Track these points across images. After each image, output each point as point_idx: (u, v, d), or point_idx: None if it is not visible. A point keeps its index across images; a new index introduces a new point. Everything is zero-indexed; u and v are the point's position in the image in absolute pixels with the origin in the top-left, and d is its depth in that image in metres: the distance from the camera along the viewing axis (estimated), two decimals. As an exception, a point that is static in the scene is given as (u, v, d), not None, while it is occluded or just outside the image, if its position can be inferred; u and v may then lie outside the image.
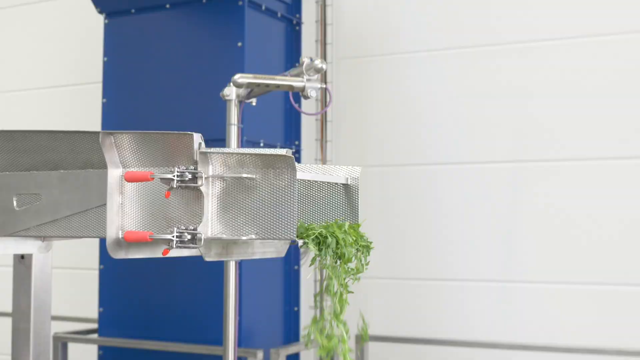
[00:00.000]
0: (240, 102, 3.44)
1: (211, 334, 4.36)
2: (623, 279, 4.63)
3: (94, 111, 5.19)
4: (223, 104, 3.57)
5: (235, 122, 3.47)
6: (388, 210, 5.16)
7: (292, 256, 4.85)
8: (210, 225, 2.03)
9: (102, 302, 4.80)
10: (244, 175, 2.01)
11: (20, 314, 2.87)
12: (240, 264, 4.04)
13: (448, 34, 5.11)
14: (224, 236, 2.03)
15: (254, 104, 3.50)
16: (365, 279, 5.16)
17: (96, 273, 4.91)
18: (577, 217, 4.74)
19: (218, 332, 4.02)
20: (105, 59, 4.86)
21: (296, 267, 4.87)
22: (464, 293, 4.98)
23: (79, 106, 5.97)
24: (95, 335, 4.88)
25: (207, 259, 2.10)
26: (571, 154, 4.75)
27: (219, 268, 3.84)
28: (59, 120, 5.99)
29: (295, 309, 4.85)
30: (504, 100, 4.93)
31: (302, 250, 4.94)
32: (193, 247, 2.03)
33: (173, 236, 2.02)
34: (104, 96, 4.86)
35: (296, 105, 3.55)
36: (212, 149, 2.04)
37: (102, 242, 4.76)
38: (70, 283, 5.88)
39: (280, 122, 4.76)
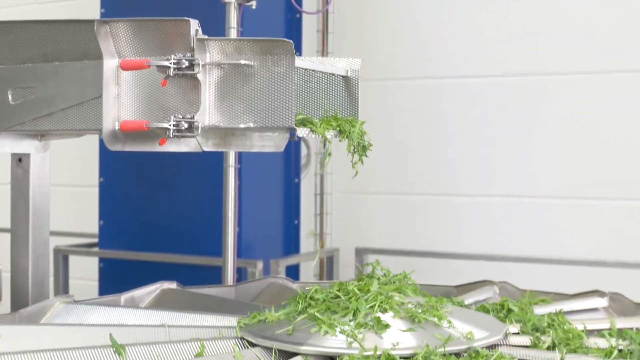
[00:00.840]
0: (239, 4, 3.38)
1: (211, 246, 4.35)
2: (625, 194, 4.62)
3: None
4: (222, 9, 3.51)
5: (235, 26, 3.41)
6: (390, 125, 5.11)
7: (293, 169, 4.83)
8: (208, 114, 2.00)
9: (102, 215, 4.79)
10: (242, 61, 1.97)
11: (18, 218, 2.85)
12: (240, 175, 4.01)
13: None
14: (222, 124, 2.00)
15: (253, 7, 3.44)
16: (366, 194, 5.21)
17: (96, 190, 4.88)
18: (586, 134, 4.69)
19: (218, 244, 4.01)
20: (102, -34, 4.78)
21: (296, 180, 4.86)
22: (467, 208, 4.96)
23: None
24: (95, 248, 4.88)
25: (205, 148, 2.07)
26: (583, 67, 4.69)
27: (219, 179, 3.81)
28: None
29: (296, 222, 4.85)
30: (515, 6, 4.84)
31: (303, 162, 4.93)
32: (190, 136, 2.00)
33: (170, 125, 1.98)
34: (102, 6, 4.79)
35: (296, 4, 3.48)
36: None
37: (102, 154, 4.74)
38: (70, 200, 5.87)
39: (281, 32, 4.68)
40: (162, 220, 4.59)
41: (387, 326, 1.79)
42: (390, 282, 2.02)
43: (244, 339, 1.85)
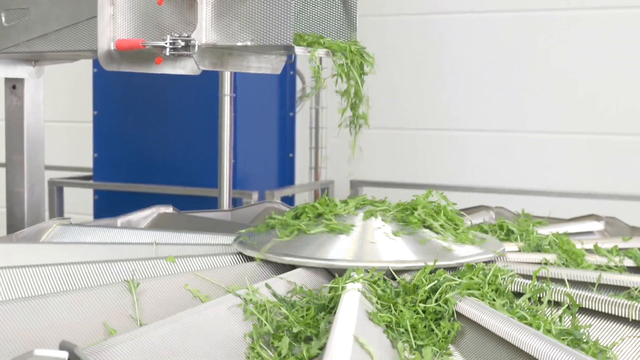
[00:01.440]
0: None
1: (206, 177, 4.35)
2: (618, 129, 4.64)
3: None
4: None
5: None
6: (387, 61, 5.08)
7: (288, 103, 4.81)
8: (205, 33, 1.98)
9: (96, 147, 4.77)
10: (239, -21, 1.94)
11: (13, 145, 2.84)
12: (235, 106, 3.99)
13: None
14: (219, 43, 1.98)
15: None
16: (362, 128, 5.18)
17: (90, 126, 4.84)
18: (576, 69, 4.69)
19: (213, 176, 4.01)
20: None
21: (292, 114, 4.84)
22: (463, 142, 4.97)
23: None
24: (90, 181, 4.86)
25: (202, 67, 2.05)
26: (587, 3, 4.66)
27: (214, 111, 3.80)
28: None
29: (290, 155, 4.84)
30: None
31: (298, 96, 4.90)
32: (187, 55, 1.98)
33: (166, 43, 1.96)
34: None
35: None
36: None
37: (95, 86, 4.70)
38: (65, 136, 5.85)
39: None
40: (157, 152, 4.58)
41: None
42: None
43: (241, 254, 1.85)
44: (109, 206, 4.77)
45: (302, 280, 1.68)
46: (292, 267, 1.74)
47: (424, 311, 1.54)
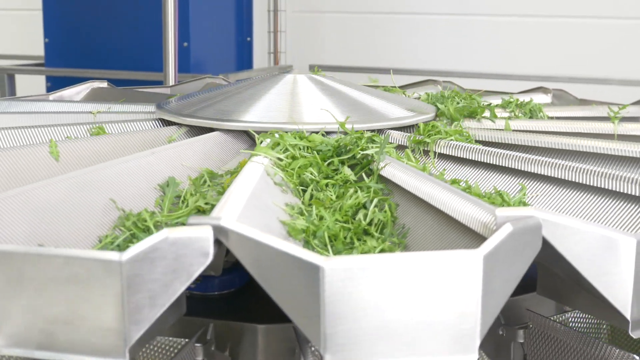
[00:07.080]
0: None
1: (157, 61, 4.25)
2: (575, 11, 4.58)
3: None
4: None
5: None
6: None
7: (244, -17, 4.68)
8: None
9: (47, 33, 4.63)
10: None
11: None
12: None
13: None
14: None
15: None
16: (321, 12, 5.07)
17: (41, 13, 4.69)
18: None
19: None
20: None
21: (248, -4, 4.71)
22: (423, 25, 4.87)
23: None
24: (42, 67, 4.74)
25: None
26: None
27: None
28: None
29: (248, 39, 4.73)
30: None
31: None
32: None
33: None
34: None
35: None
36: None
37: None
38: (14, 25, 5.69)
39: None
40: (110, 36, 4.46)
41: None
42: None
43: (162, 119, 1.77)
44: (62, 93, 4.66)
45: (214, 145, 1.57)
46: (211, 129, 1.66)
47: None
